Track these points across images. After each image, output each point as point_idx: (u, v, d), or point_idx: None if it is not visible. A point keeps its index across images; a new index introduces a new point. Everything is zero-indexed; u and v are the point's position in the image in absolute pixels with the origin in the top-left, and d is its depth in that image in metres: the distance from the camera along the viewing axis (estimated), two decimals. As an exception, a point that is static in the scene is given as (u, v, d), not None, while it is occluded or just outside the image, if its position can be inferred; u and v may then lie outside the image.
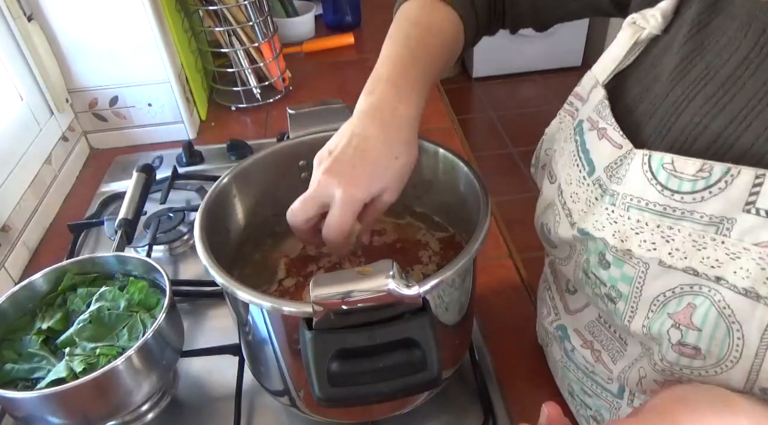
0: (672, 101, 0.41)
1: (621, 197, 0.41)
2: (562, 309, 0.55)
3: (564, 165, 0.48)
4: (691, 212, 0.37)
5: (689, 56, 0.42)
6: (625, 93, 0.46)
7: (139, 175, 0.81)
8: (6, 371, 0.54)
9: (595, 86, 0.48)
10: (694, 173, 0.36)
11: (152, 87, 1.03)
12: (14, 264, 0.81)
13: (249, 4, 1.10)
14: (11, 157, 0.85)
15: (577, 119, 0.49)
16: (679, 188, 0.37)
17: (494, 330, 0.69)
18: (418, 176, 0.62)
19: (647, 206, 0.39)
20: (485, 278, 0.75)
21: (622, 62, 0.47)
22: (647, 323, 0.41)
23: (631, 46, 0.46)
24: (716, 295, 0.37)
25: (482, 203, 0.51)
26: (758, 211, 0.34)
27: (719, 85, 0.39)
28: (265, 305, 0.44)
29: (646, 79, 0.45)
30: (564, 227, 0.47)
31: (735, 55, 0.39)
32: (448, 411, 0.60)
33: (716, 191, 0.35)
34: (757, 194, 0.34)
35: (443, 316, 0.50)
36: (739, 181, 0.35)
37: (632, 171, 0.40)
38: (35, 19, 0.93)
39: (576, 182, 0.46)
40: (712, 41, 0.41)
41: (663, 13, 0.45)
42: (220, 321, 0.72)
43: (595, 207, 0.44)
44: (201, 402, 0.63)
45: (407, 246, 0.61)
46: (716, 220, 0.36)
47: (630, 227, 0.40)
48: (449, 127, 1.10)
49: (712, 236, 0.36)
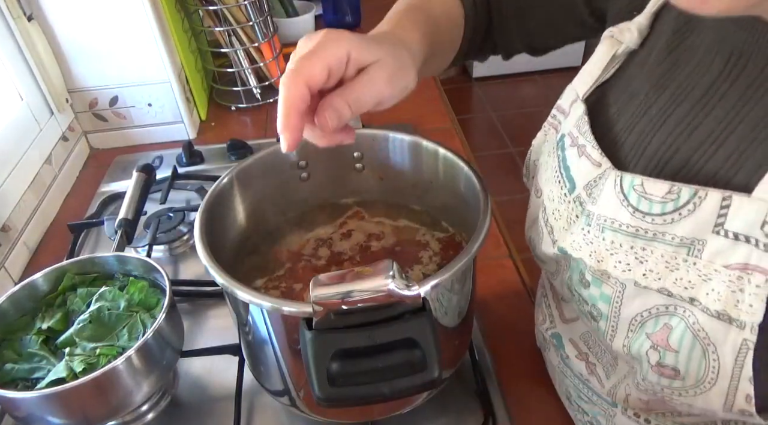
0: (647, 121, 0.42)
1: (596, 218, 0.41)
2: (557, 317, 0.55)
3: (547, 181, 0.48)
4: (663, 234, 0.37)
5: (665, 75, 0.42)
6: (604, 108, 0.46)
7: (139, 175, 0.81)
8: (6, 371, 0.54)
9: (575, 101, 0.48)
10: (662, 195, 0.37)
11: (152, 87, 1.03)
12: (14, 264, 0.81)
13: (249, 4, 1.10)
14: (11, 157, 0.85)
15: (559, 133, 0.49)
16: (649, 209, 0.37)
17: (494, 330, 0.69)
18: (418, 176, 0.63)
19: (620, 227, 0.39)
20: (485, 278, 0.75)
21: (600, 76, 0.47)
22: (627, 343, 0.41)
23: (609, 60, 0.46)
24: (691, 317, 0.37)
25: (482, 203, 0.51)
26: (726, 233, 0.34)
27: (690, 108, 0.39)
28: (265, 305, 0.44)
29: (623, 95, 0.45)
30: (546, 244, 0.47)
31: (705, 77, 0.39)
32: (448, 411, 0.60)
33: (685, 213, 0.36)
34: (725, 216, 0.34)
35: (443, 316, 0.50)
36: (706, 204, 0.35)
37: (606, 192, 0.40)
38: (35, 19, 0.92)
39: (558, 199, 0.46)
40: (684, 61, 0.41)
41: (639, 27, 0.45)
42: (220, 320, 0.72)
43: (574, 226, 0.44)
44: (201, 402, 0.63)
45: (407, 247, 0.61)
46: (687, 241, 0.36)
47: (605, 248, 0.40)
48: (449, 127, 1.10)
49: (684, 257, 0.36)
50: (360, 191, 0.66)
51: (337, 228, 0.64)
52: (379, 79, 0.42)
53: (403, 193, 0.65)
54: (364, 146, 0.63)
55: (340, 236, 0.63)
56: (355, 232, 0.63)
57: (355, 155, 0.63)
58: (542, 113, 0.53)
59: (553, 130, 0.51)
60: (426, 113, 1.12)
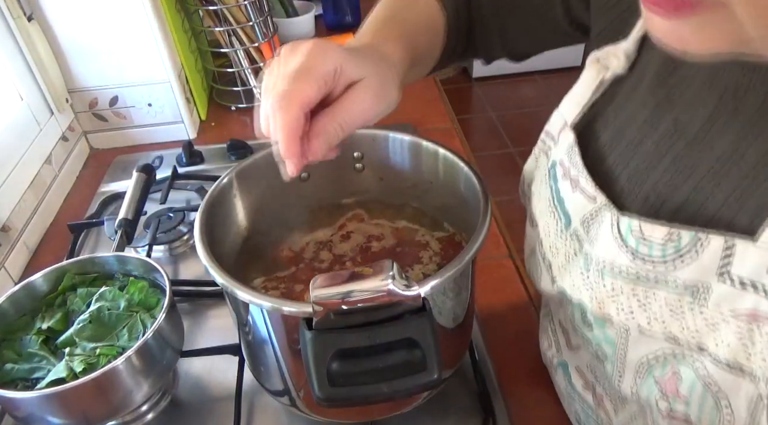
0: (643, 157, 0.40)
1: (595, 262, 0.39)
2: (564, 345, 0.52)
3: (542, 212, 0.47)
4: (665, 278, 0.35)
5: (658, 109, 0.40)
6: (594, 137, 0.44)
7: (139, 175, 0.81)
8: (6, 371, 0.54)
9: (563, 128, 0.46)
10: (662, 238, 0.35)
11: (152, 87, 1.03)
12: (14, 264, 0.81)
13: (249, 4, 1.10)
14: (11, 157, 0.85)
15: (550, 160, 0.47)
16: (650, 253, 0.36)
17: (494, 330, 0.69)
18: (418, 176, 0.63)
19: (620, 271, 0.38)
20: (485, 278, 0.75)
21: (588, 103, 0.45)
22: (635, 388, 0.40)
23: (596, 86, 0.44)
24: (700, 366, 0.35)
25: (482, 203, 0.51)
26: (732, 279, 0.32)
27: (687, 145, 0.37)
28: (265, 305, 0.44)
29: (614, 124, 0.43)
30: (546, 281, 0.46)
31: (701, 112, 0.37)
32: (448, 411, 0.60)
33: (688, 260, 0.34)
34: (729, 261, 0.32)
35: (443, 316, 0.50)
36: (708, 249, 0.33)
37: (603, 233, 0.38)
38: (35, 19, 0.92)
39: (554, 234, 0.45)
40: (678, 95, 0.39)
41: (626, 52, 0.43)
42: (220, 320, 0.72)
43: (572, 264, 0.42)
44: (201, 402, 0.63)
45: (407, 248, 0.61)
46: (691, 286, 0.34)
47: (606, 293, 0.39)
48: (449, 127, 1.10)
49: (688, 303, 0.35)
50: (360, 191, 0.66)
51: (336, 230, 0.64)
52: (367, 98, 0.41)
53: (403, 193, 0.65)
54: (364, 146, 0.63)
55: (340, 239, 0.63)
56: (355, 233, 0.63)
57: (355, 155, 0.64)
58: (542, 113, 0.52)
59: (543, 155, 0.49)
60: (426, 113, 1.11)
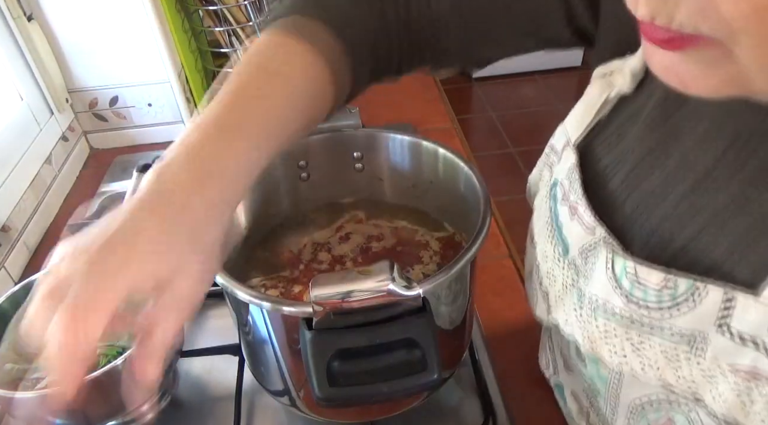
0: (646, 193, 0.38)
1: (588, 298, 0.37)
2: (561, 365, 0.51)
3: (540, 233, 0.45)
4: (660, 325, 0.34)
5: (663, 144, 0.38)
6: (596, 159, 0.42)
7: (139, 175, 0.81)
8: (6, 371, 0.54)
9: (567, 145, 0.44)
10: (658, 284, 0.33)
11: (152, 87, 1.03)
12: (14, 264, 0.80)
13: (249, 4, 1.10)
14: (11, 157, 0.85)
15: (552, 177, 0.45)
16: (644, 297, 0.34)
17: (494, 330, 0.69)
18: (418, 176, 0.63)
19: (614, 312, 0.36)
20: (485, 278, 0.75)
21: (591, 122, 0.43)
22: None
23: (601, 105, 0.42)
24: (695, 417, 0.34)
25: (482, 203, 0.51)
26: (731, 333, 0.31)
27: (692, 186, 0.35)
28: (265, 305, 0.44)
29: (617, 148, 0.41)
30: (541, 309, 0.44)
31: (709, 154, 0.35)
32: (448, 411, 0.60)
33: (685, 309, 0.32)
34: (729, 314, 0.31)
35: (443, 316, 0.50)
36: (707, 300, 0.31)
37: (598, 270, 0.36)
38: (35, 19, 0.92)
39: (552, 260, 0.43)
40: (685, 133, 0.37)
41: (632, 71, 0.40)
42: (220, 321, 0.72)
43: (567, 297, 0.40)
44: (201, 402, 0.63)
45: (407, 248, 0.61)
46: (687, 334, 0.33)
47: (598, 334, 0.37)
48: (449, 127, 1.10)
49: (685, 352, 0.33)
50: (360, 191, 0.66)
51: (336, 231, 0.64)
52: (187, 296, 0.35)
53: (403, 193, 0.65)
54: (364, 146, 0.63)
55: (340, 239, 0.63)
56: (355, 233, 0.63)
57: (355, 155, 0.63)
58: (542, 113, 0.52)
59: (547, 169, 0.47)
60: (426, 113, 1.11)
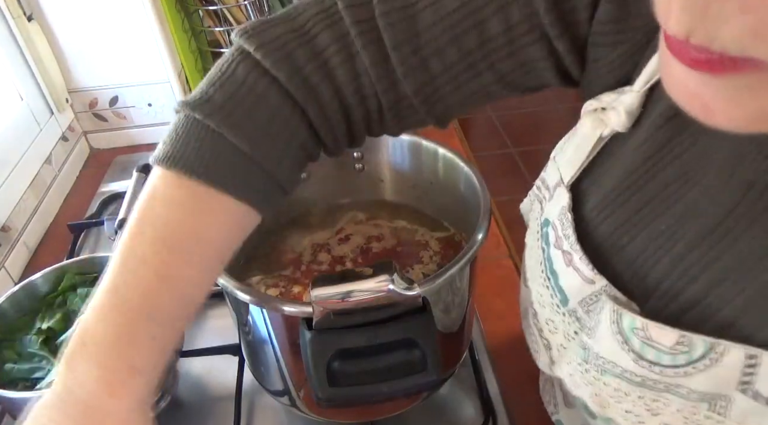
0: (649, 238, 0.34)
1: (594, 356, 0.34)
2: (561, 401, 0.48)
3: (534, 277, 0.41)
4: (677, 386, 0.31)
5: (670, 184, 0.34)
6: (587, 198, 0.39)
7: (139, 175, 0.81)
8: (6, 371, 0.54)
9: (558, 184, 0.40)
10: (671, 345, 0.30)
11: (152, 87, 1.03)
12: (14, 264, 0.81)
13: (249, 4, 1.10)
14: (11, 157, 0.85)
15: (543, 215, 0.41)
16: (657, 359, 0.31)
17: (494, 330, 0.69)
18: (418, 176, 0.63)
19: (624, 373, 0.33)
20: (485, 278, 0.75)
21: (584, 162, 0.39)
22: None
23: (594, 144, 0.38)
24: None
25: (482, 203, 0.51)
26: (756, 395, 0.28)
27: (703, 234, 0.32)
28: (265, 306, 0.44)
29: (608, 185, 0.37)
30: (543, 362, 0.41)
31: (724, 201, 0.31)
32: (448, 411, 0.60)
33: (702, 368, 0.30)
34: (752, 375, 0.28)
35: (443, 316, 0.50)
36: (727, 359, 0.29)
37: (603, 325, 0.33)
38: (35, 19, 0.92)
39: (550, 308, 0.39)
40: (693, 177, 0.33)
41: (627, 110, 0.36)
42: (220, 321, 0.72)
43: (570, 350, 0.37)
44: (201, 402, 0.63)
45: (407, 248, 0.61)
46: (708, 397, 0.30)
47: (608, 393, 0.34)
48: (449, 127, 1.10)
49: (705, 413, 0.31)
50: (360, 191, 0.66)
51: (336, 233, 0.64)
52: None
53: (403, 193, 0.65)
54: (364, 146, 0.62)
55: (339, 240, 0.63)
56: (355, 233, 0.63)
57: (355, 155, 0.63)
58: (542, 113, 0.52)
59: (537, 203, 0.44)
60: (426, 113, 1.11)
